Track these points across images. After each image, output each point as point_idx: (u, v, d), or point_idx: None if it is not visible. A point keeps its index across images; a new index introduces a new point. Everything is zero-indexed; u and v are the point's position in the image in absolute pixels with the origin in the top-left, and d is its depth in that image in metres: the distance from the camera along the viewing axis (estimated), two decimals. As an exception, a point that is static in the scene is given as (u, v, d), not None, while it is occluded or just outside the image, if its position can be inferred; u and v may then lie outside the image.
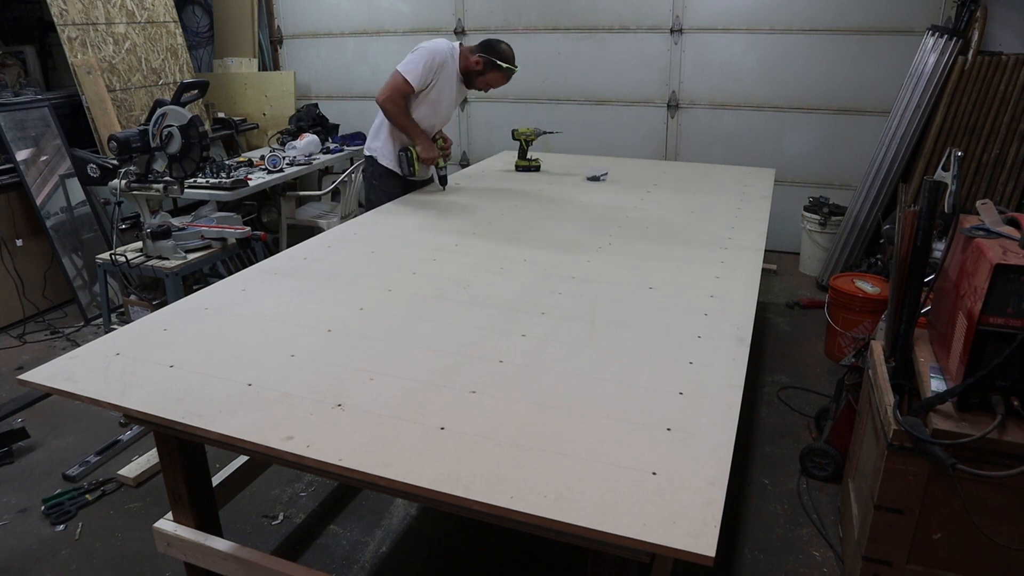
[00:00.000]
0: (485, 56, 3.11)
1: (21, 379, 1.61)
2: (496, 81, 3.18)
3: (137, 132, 2.99)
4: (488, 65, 3.12)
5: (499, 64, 3.11)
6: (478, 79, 3.17)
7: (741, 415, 1.45)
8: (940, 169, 2.14)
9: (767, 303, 4.28)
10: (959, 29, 4.05)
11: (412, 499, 1.89)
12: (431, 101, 3.16)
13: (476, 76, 3.16)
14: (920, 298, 1.88)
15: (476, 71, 3.14)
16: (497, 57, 3.11)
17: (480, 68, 3.13)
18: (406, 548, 2.32)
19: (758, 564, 2.23)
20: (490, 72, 3.13)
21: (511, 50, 3.16)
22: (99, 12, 4.50)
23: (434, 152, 3.19)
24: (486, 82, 3.18)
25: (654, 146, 5.22)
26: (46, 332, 4.01)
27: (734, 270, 2.26)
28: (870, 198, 4.32)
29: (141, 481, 2.64)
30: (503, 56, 3.13)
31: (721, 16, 4.79)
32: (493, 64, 3.11)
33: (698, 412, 1.45)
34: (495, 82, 3.18)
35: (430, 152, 3.18)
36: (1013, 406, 1.64)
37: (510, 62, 3.14)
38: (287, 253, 2.47)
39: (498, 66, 3.11)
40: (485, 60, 3.11)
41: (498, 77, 3.16)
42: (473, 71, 3.14)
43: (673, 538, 1.10)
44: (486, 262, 2.35)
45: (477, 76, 3.16)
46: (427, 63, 3.05)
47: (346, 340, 1.79)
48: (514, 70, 3.16)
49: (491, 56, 3.11)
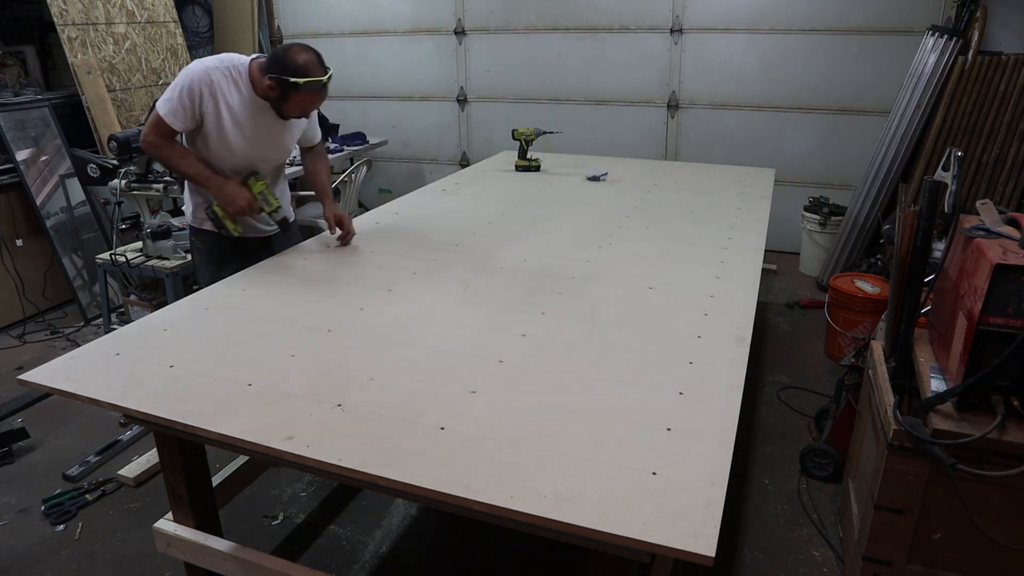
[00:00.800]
0: (274, 76, 2.18)
1: (21, 379, 1.61)
2: (307, 103, 2.27)
3: (137, 132, 3.00)
4: (284, 88, 2.19)
5: (295, 82, 2.16)
6: (283, 107, 2.27)
7: (741, 415, 1.45)
8: (940, 169, 2.14)
9: (767, 303, 4.28)
10: (959, 29, 4.05)
11: (412, 499, 1.89)
12: (219, 139, 2.29)
13: (280, 105, 2.28)
14: (920, 298, 1.88)
15: (275, 98, 2.25)
16: (289, 73, 2.16)
17: (276, 94, 2.22)
18: (406, 548, 2.32)
19: (758, 564, 2.23)
20: (291, 96, 2.21)
21: (310, 54, 2.22)
22: (99, 12, 4.50)
23: (240, 199, 2.32)
24: (296, 106, 2.26)
25: (654, 146, 5.22)
26: (46, 332, 4.01)
27: (734, 270, 2.26)
28: (870, 198, 4.32)
29: (141, 481, 2.64)
30: (296, 69, 2.17)
31: (721, 16, 4.79)
32: (288, 85, 2.17)
33: (698, 412, 1.45)
34: (307, 104, 2.28)
35: (234, 200, 2.31)
36: (1013, 406, 1.64)
37: (310, 72, 2.18)
38: (287, 253, 2.47)
39: (295, 85, 2.16)
40: (275, 81, 2.18)
41: (306, 98, 2.23)
42: (272, 98, 2.26)
43: (673, 538, 1.10)
44: (486, 262, 2.35)
45: (280, 104, 2.26)
46: (181, 92, 2.21)
47: (346, 340, 1.79)
48: (320, 80, 2.19)
49: (280, 74, 2.17)
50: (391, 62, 5.76)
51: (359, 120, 5.87)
